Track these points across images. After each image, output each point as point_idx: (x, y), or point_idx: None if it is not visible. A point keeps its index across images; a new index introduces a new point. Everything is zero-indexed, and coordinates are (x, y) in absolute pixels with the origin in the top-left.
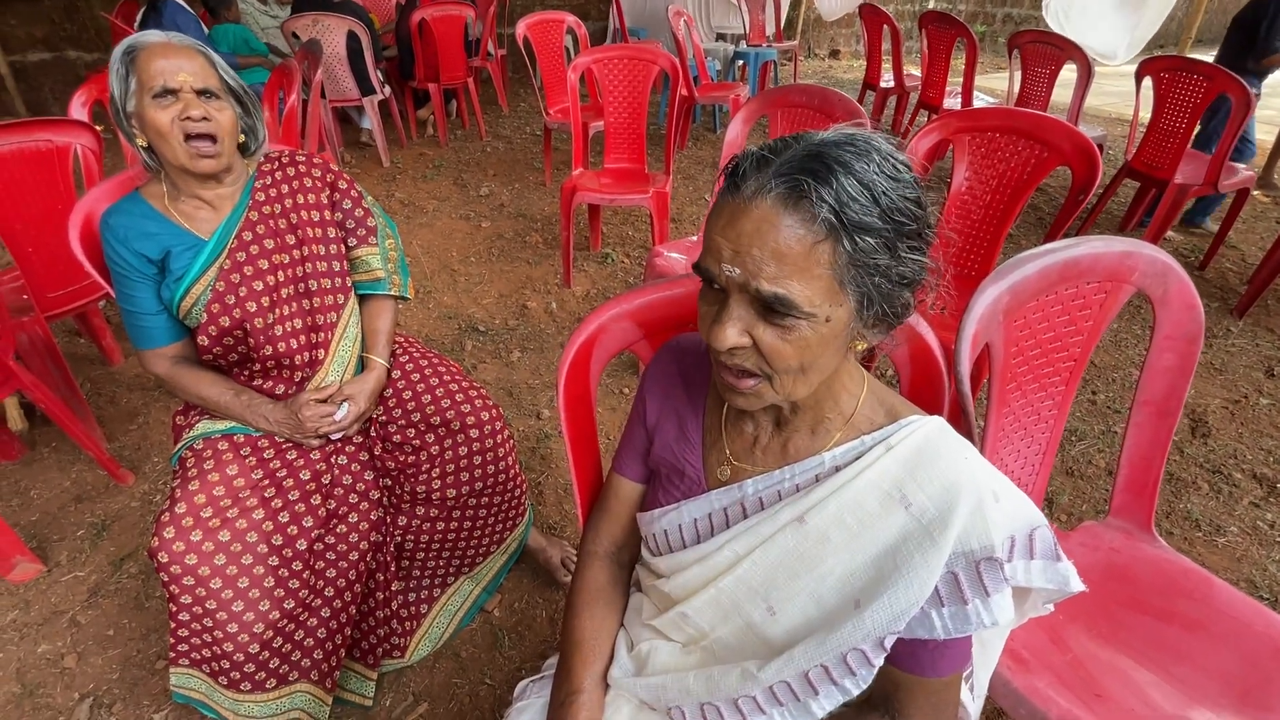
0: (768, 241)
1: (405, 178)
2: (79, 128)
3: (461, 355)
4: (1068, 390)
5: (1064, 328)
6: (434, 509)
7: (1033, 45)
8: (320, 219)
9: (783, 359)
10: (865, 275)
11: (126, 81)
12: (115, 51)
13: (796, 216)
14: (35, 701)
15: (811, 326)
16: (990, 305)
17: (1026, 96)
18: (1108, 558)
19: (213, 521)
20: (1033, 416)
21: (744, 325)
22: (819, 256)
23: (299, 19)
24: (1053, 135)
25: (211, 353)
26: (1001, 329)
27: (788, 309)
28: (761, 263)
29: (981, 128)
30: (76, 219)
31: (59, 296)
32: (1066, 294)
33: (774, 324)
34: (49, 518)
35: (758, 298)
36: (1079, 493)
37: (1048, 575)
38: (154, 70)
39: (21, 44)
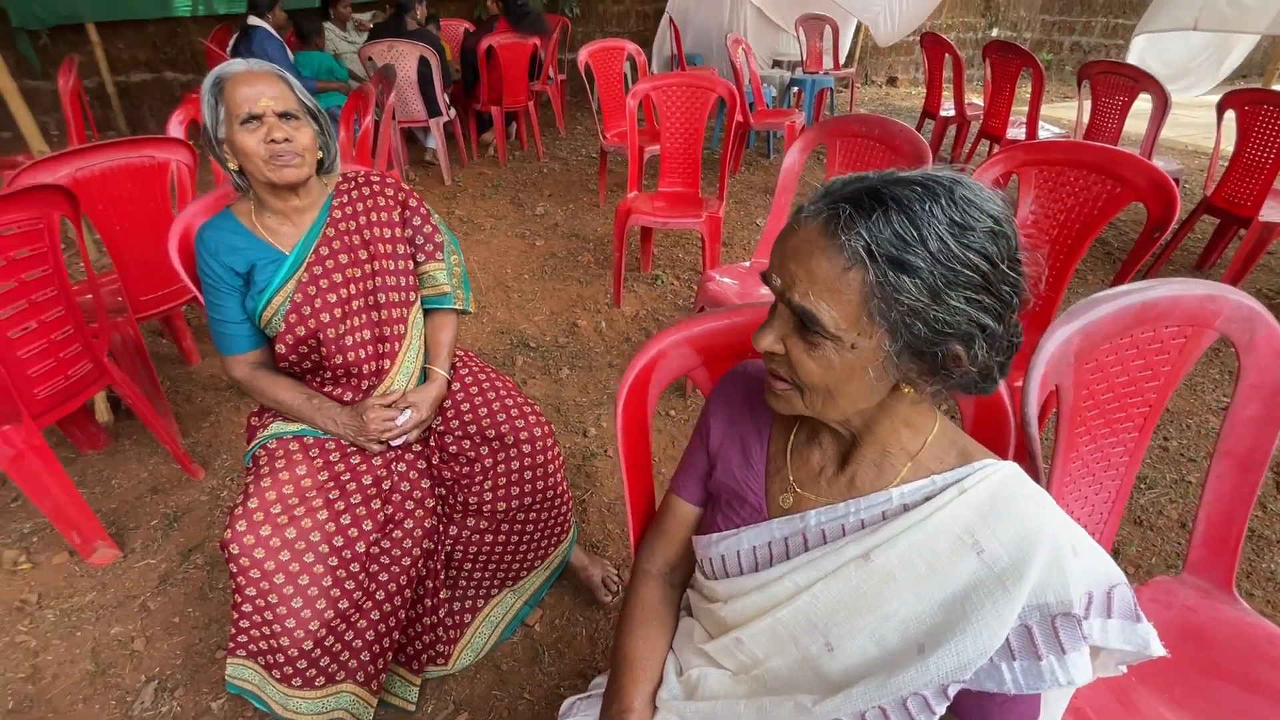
0: (804, 259)
1: (465, 195)
2: (178, 145)
3: (512, 370)
4: (1141, 437)
5: (1139, 372)
6: (484, 521)
7: (1104, 76)
8: (391, 235)
9: (806, 374)
10: (897, 311)
11: (216, 111)
12: (205, 83)
13: (832, 241)
14: (106, 680)
15: (837, 350)
16: (1061, 346)
17: (1096, 128)
18: (1182, 616)
19: (281, 518)
20: (1102, 463)
21: (780, 334)
22: (849, 281)
23: (376, 45)
24: (1126, 170)
25: (288, 360)
26: (1072, 371)
27: (814, 324)
28: (797, 278)
29: (1049, 161)
30: (176, 231)
31: (149, 299)
32: (1142, 337)
33: (805, 339)
34: (127, 506)
35: (792, 310)
36: (1148, 544)
37: (1126, 636)
38: (240, 98)
39: (126, 65)
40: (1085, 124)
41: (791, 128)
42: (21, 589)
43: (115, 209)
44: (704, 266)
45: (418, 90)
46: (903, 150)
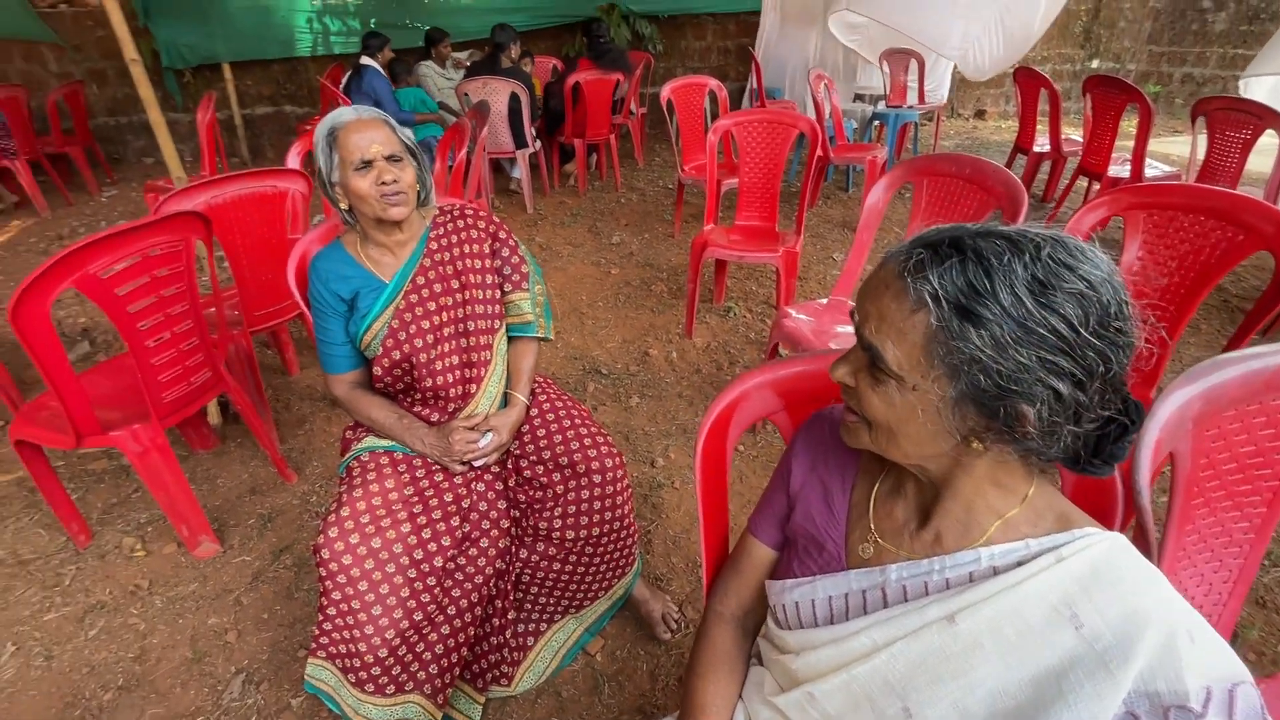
0: (877, 298)
1: (545, 223)
2: (297, 176)
3: (584, 396)
4: (1270, 514)
5: (1268, 442)
6: (553, 547)
7: (1223, 112)
8: (482, 266)
9: (870, 409)
10: (958, 358)
11: (331, 157)
12: (319, 132)
13: (902, 283)
14: (201, 668)
15: (900, 389)
16: (1179, 411)
17: (1212, 166)
18: None
19: (368, 528)
20: (1223, 539)
21: (853, 367)
22: (914, 323)
23: (471, 82)
24: (1251, 216)
25: (383, 381)
26: (1190, 438)
27: (879, 361)
28: (869, 315)
29: (1161, 205)
30: (295, 256)
31: (261, 315)
32: (1273, 405)
33: (872, 375)
34: (228, 504)
35: (861, 345)
36: (1272, 628)
37: None
38: (352, 145)
39: (252, 100)
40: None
41: (873, 163)
42: (136, 574)
43: (240, 232)
44: (778, 301)
45: (507, 123)
46: (995, 191)
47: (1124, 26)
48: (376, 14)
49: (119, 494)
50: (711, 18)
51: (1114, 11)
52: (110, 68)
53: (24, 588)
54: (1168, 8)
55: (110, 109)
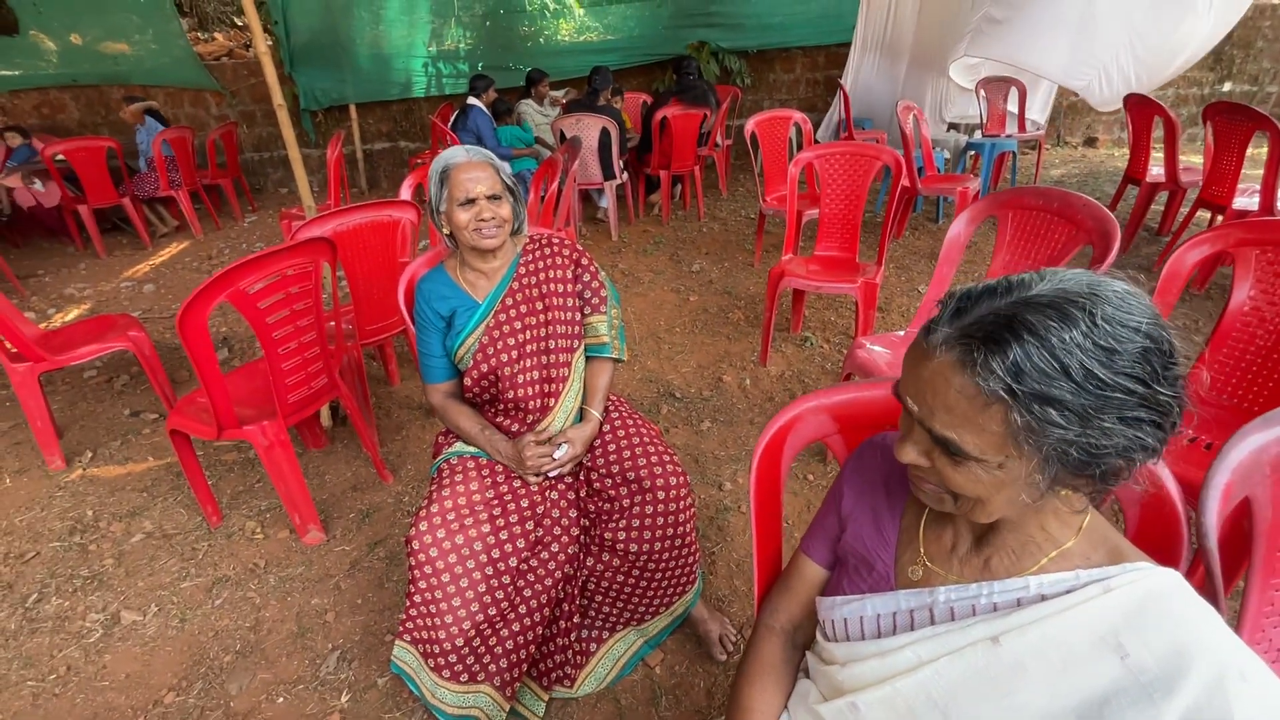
0: (939, 393)
1: (629, 251)
2: (409, 207)
3: (657, 418)
4: None
5: None
6: (616, 559)
7: None
8: (564, 290)
9: (955, 486)
10: (1047, 443)
11: (441, 191)
12: (435, 167)
13: (968, 378)
14: (304, 642)
15: (985, 469)
16: (1253, 454)
17: None
18: None
19: (454, 525)
20: None
21: (923, 450)
22: (991, 415)
23: (566, 119)
24: None
25: (472, 391)
26: (1270, 484)
27: (957, 451)
28: (935, 409)
29: (1276, 241)
30: (404, 278)
31: (372, 329)
32: None
33: (949, 457)
34: (333, 498)
35: (933, 438)
36: None
37: None
38: (460, 183)
39: (372, 136)
40: None
41: (964, 194)
42: (255, 555)
43: (359, 255)
44: (856, 332)
45: (597, 157)
46: (1084, 225)
47: (1262, 46)
48: (483, 58)
49: (245, 483)
50: (801, 50)
51: (1250, 31)
52: (259, 110)
53: (167, 558)
54: None
55: (256, 145)
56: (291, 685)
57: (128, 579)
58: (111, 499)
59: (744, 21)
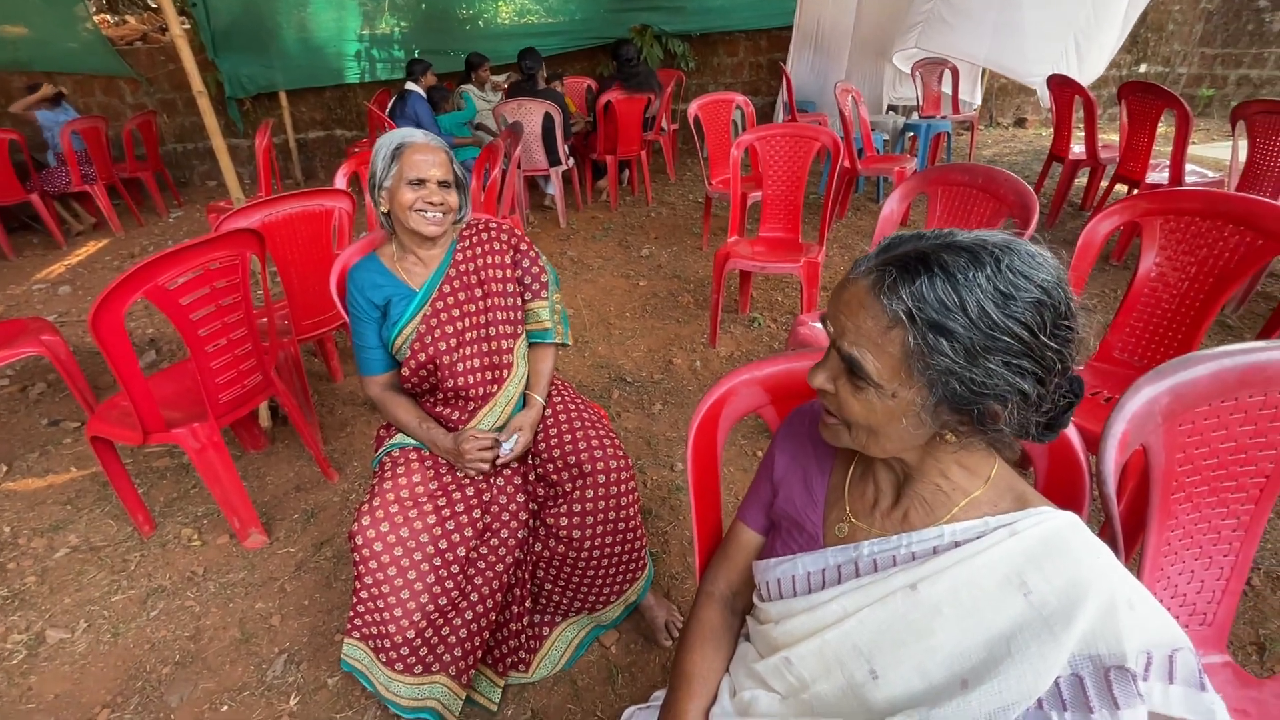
0: (853, 314)
1: (578, 238)
2: (343, 195)
3: (608, 403)
4: (1259, 510)
5: (1250, 439)
6: (562, 545)
7: (1263, 116)
8: (503, 276)
9: (851, 413)
10: (934, 370)
11: (390, 166)
12: (388, 141)
13: (877, 301)
14: (249, 648)
15: (879, 396)
16: (1145, 405)
17: (1254, 172)
18: None
19: (397, 517)
20: (1210, 535)
21: (831, 375)
22: (891, 338)
23: (508, 104)
24: (1270, 222)
25: (410, 381)
26: (1162, 433)
27: (858, 371)
28: (846, 329)
29: (1178, 210)
30: (337, 268)
31: (309, 324)
32: (1251, 402)
33: (852, 382)
34: (275, 500)
35: (841, 356)
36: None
37: (1190, 705)
38: (414, 164)
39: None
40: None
41: (900, 174)
42: (193, 562)
43: (290, 247)
44: (801, 310)
45: (541, 142)
46: (1007, 199)
47: (1173, 29)
48: (420, 42)
49: (179, 489)
50: (744, 34)
51: (1162, 15)
52: (179, 98)
53: (95, 571)
54: (1220, 9)
55: (178, 136)
56: (236, 692)
57: (52, 596)
58: (31, 514)
59: (685, 4)
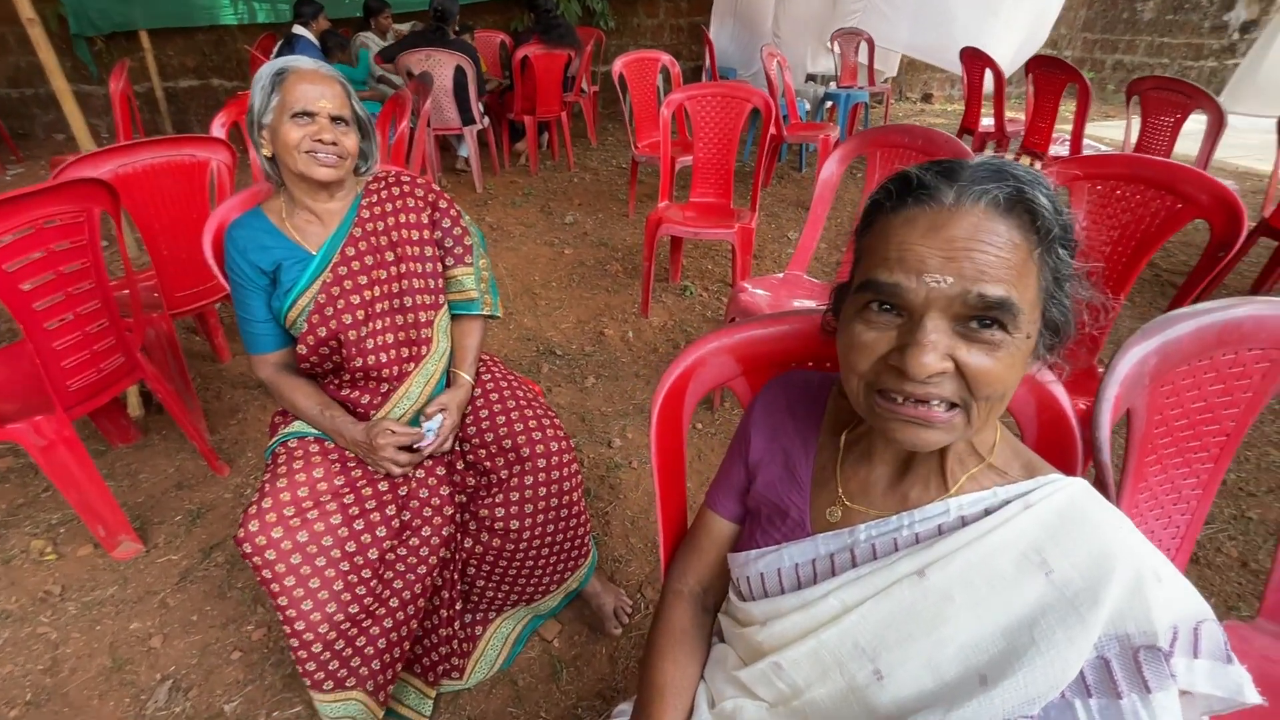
0: (990, 245)
1: (496, 203)
2: (218, 145)
3: (538, 378)
4: (1216, 469)
5: (1217, 398)
6: (497, 538)
7: (1155, 92)
8: (420, 238)
9: (991, 382)
10: (1059, 292)
11: (270, 97)
12: (266, 69)
13: (1013, 222)
14: (122, 677)
15: (1016, 344)
16: (1136, 366)
17: (1146, 146)
18: (1258, 666)
19: (293, 520)
20: (1172, 495)
21: (945, 349)
22: (1033, 265)
23: (414, 54)
24: (1187, 185)
25: (309, 360)
26: (1146, 394)
27: (1006, 319)
28: (984, 266)
29: (1105, 175)
30: (210, 227)
31: (184, 296)
32: (1223, 360)
33: (979, 341)
34: (152, 500)
35: (974, 308)
36: (1205, 583)
37: (1215, 680)
38: (299, 93)
39: (175, 72)
40: (1134, 142)
41: (825, 141)
42: (46, 579)
43: (155, 206)
44: (734, 278)
45: (453, 98)
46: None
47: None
48: None
49: (26, 494)
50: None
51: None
52: (11, 33)
53: None
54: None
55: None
56: None
57: None
58: None
59: None
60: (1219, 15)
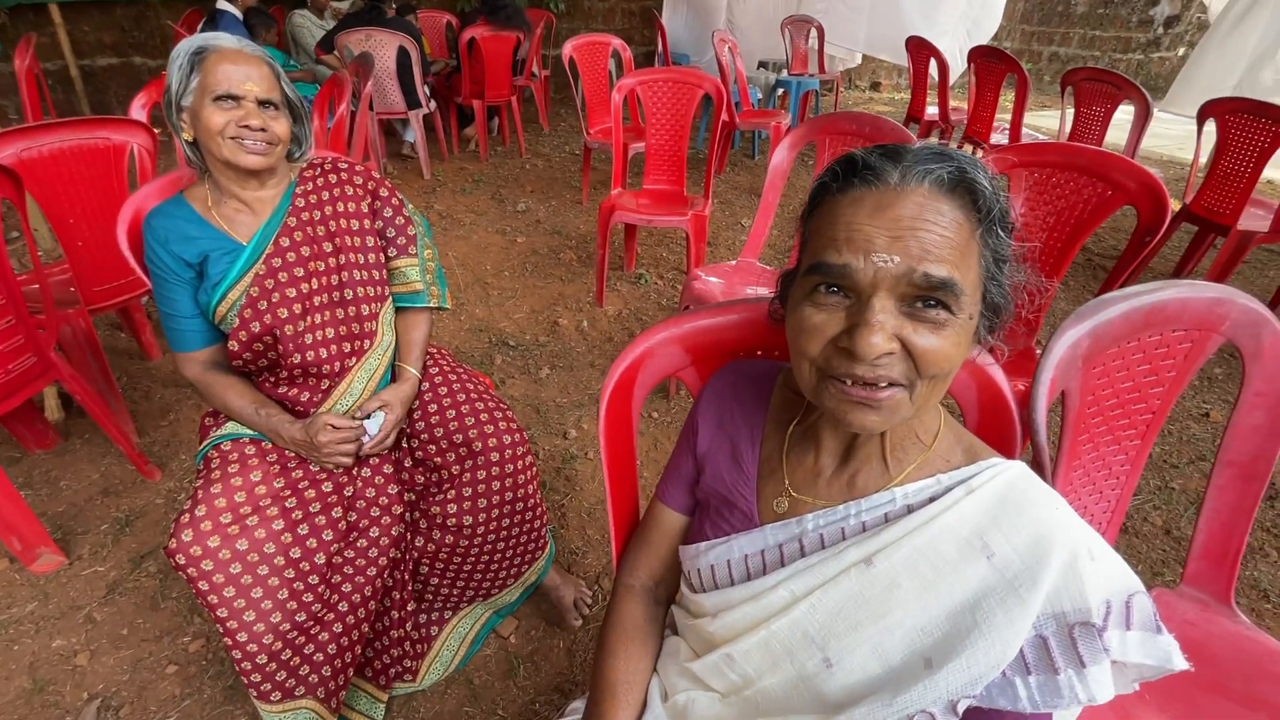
0: (934, 226)
1: (445, 190)
2: (136, 127)
3: (491, 370)
4: (1143, 445)
5: (1144, 378)
6: (450, 535)
7: (1087, 83)
8: (360, 228)
9: (938, 361)
10: (999, 273)
11: (189, 78)
12: (183, 46)
13: (956, 202)
14: (44, 699)
15: (961, 324)
16: (1070, 349)
17: (1079, 135)
18: (1182, 631)
19: (231, 528)
20: (1103, 471)
21: (893, 329)
22: (975, 245)
23: (353, 33)
24: (1118, 173)
25: (241, 358)
26: (1079, 376)
27: (955, 296)
28: (929, 245)
29: (1041, 163)
30: (125, 215)
31: (104, 291)
32: (1149, 341)
33: (925, 321)
34: (75, 509)
35: (919, 287)
36: (1133, 551)
37: (1146, 649)
38: (221, 74)
39: (91, 49)
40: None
41: (777, 128)
42: None
43: (67, 194)
44: (688, 266)
45: (396, 81)
46: None
47: None
48: None
49: None
50: None
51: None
52: None
53: None
54: None
55: None
56: None
57: None
58: None
59: None
60: (1145, 10)
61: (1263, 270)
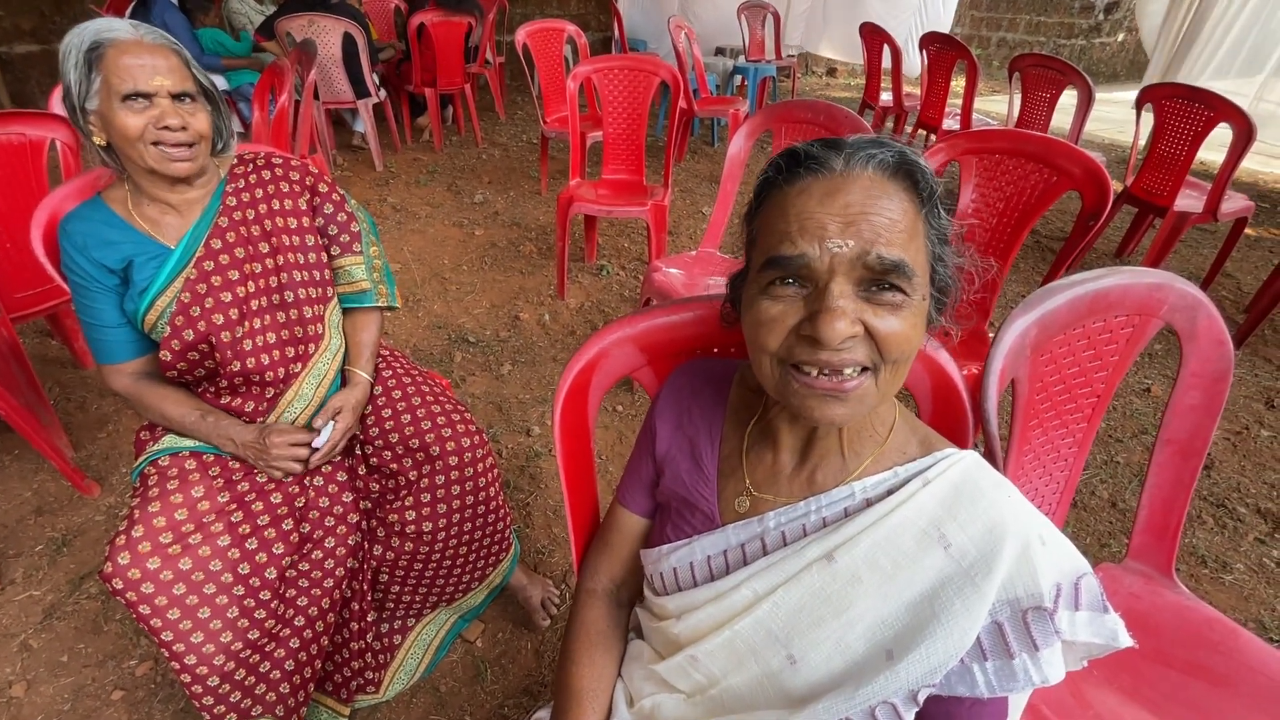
0: (883, 209)
1: (398, 182)
2: (56, 122)
3: (450, 367)
4: (1089, 427)
5: (1089, 363)
6: (410, 542)
7: (1034, 69)
8: (298, 226)
9: (900, 343)
10: (944, 251)
11: (89, 79)
12: (71, 42)
13: (900, 184)
14: None
15: (915, 305)
16: (1019, 338)
17: (1026, 120)
18: (1127, 604)
19: (173, 548)
20: (1052, 454)
21: (855, 314)
22: (921, 227)
23: (294, 19)
24: (1063, 159)
25: (175, 368)
26: (1028, 365)
27: (907, 278)
28: (880, 229)
29: (990, 149)
30: (40, 219)
31: (28, 297)
32: (1094, 327)
33: (883, 304)
34: (6, 531)
35: (873, 270)
36: (1082, 524)
37: (1094, 629)
38: (125, 70)
39: (8, 36)
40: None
41: (736, 115)
42: None
43: None
44: (650, 256)
45: (343, 69)
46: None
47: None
48: None
49: None
50: None
51: None
52: None
53: None
54: None
55: None
56: None
57: None
58: None
59: None
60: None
61: (1197, 249)
